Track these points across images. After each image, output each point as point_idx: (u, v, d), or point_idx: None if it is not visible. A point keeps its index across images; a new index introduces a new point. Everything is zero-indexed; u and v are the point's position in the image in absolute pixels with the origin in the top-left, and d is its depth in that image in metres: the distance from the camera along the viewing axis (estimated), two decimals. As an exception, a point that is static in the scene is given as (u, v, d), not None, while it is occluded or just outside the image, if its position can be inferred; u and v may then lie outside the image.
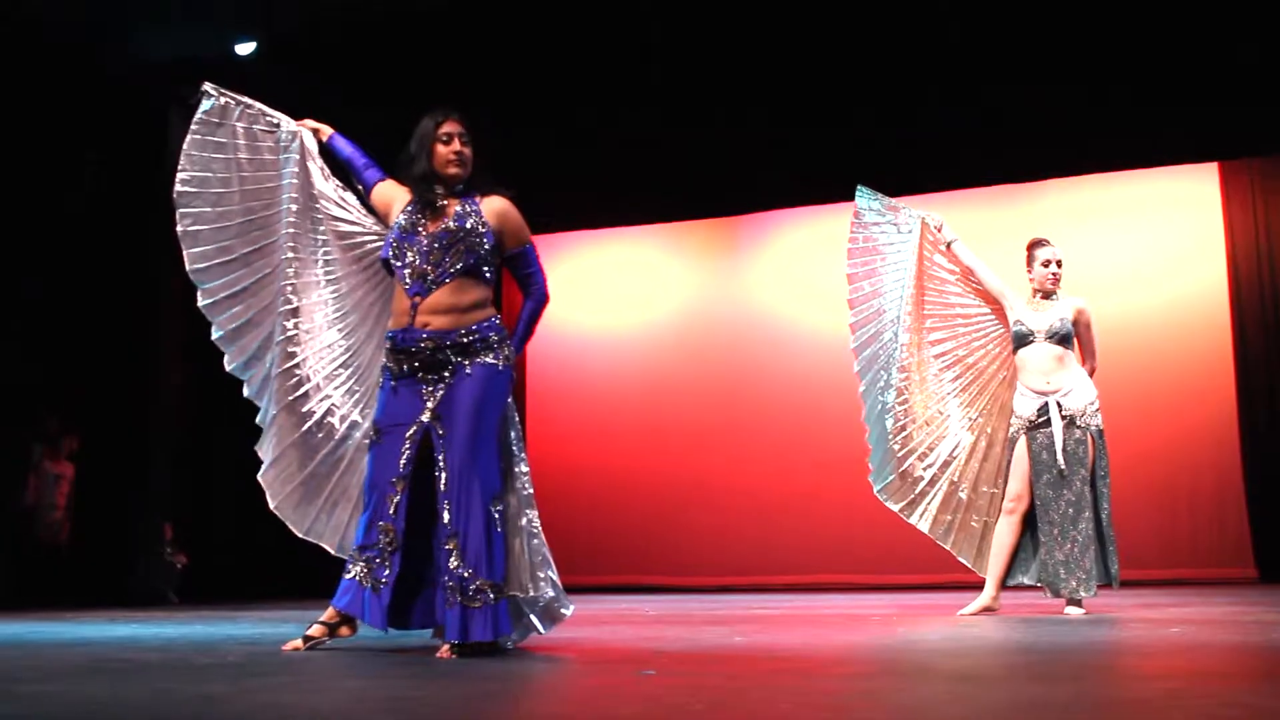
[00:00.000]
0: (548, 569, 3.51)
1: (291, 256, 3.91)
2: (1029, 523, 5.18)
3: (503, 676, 2.79)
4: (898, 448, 5.39)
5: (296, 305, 3.88)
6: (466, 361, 3.44)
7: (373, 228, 3.90)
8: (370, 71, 8.88)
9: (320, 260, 3.95)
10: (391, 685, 2.63)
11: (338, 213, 3.94)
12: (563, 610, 3.54)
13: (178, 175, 3.99)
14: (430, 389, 3.45)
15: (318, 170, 3.96)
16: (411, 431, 3.44)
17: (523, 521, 3.50)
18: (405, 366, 3.47)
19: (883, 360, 5.51)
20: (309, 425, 3.84)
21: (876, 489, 5.44)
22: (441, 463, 3.38)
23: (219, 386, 4.05)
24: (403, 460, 3.44)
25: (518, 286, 3.76)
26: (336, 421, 3.87)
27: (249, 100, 4.09)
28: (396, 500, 3.43)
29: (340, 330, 3.94)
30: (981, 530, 5.35)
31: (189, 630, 4.65)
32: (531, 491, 3.56)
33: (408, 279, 3.49)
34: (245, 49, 8.65)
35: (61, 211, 8.55)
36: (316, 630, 3.54)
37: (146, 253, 8.26)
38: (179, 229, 3.96)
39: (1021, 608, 5.55)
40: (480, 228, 3.52)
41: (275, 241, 3.97)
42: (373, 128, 4.15)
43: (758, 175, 9.57)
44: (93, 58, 8.49)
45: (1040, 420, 5.15)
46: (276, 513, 3.86)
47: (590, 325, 10.81)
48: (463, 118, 3.64)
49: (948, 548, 5.40)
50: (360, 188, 3.90)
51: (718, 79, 8.94)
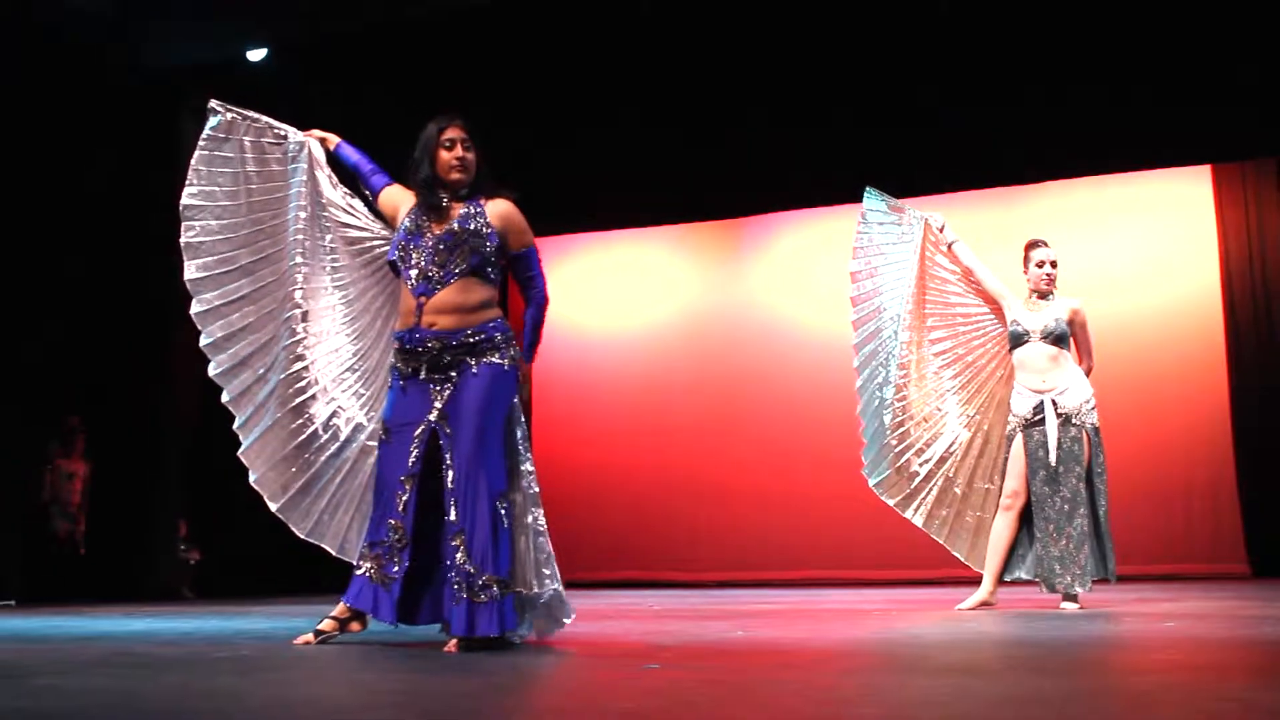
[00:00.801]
0: (552, 566, 3.51)
1: (300, 263, 3.92)
2: (1026, 519, 5.19)
3: (509, 670, 2.79)
4: (895, 443, 5.39)
5: (306, 310, 3.90)
6: (473, 361, 3.45)
7: (380, 232, 3.91)
8: (378, 77, 8.90)
9: (329, 266, 3.97)
10: (401, 679, 2.63)
11: (345, 219, 3.96)
12: (564, 618, 3.54)
13: (184, 190, 3.99)
14: (438, 389, 3.46)
15: (325, 179, 3.97)
16: (420, 431, 3.45)
17: (528, 519, 3.50)
18: (412, 366, 3.48)
19: (881, 357, 5.51)
20: (315, 428, 3.85)
21: (872, 483, 5.45)
22: (449, 461, 3.39)
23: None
24: (411, 459, 3.44)
25: (519, 290, 3.76)
26: (342, 424, 3.89)
27: (256, 115, 4.08)
28: (405, 498, 3.44)
29: (349, 335, 3.96)
30: (976, 525, 5.35)
31: (203, 625, 4.66)
32: (537, 490, 3.56)
33: (413, 280, 3.50)
34: (256, 55, 8.67)
35: (74, 212, 8.56)
36: (328, 625, 3.56)
37: (158, 254, 8.25)
38: (182, 240, 3.96)
39: (1018, 603, 5.54)
40: (484, 229, 3.53)
41: (282, 249, 3.98)
42: (380, 133, 4.14)
43: (761, 177, 9.57)
44: (106, 62, 8.50)
45: (1036, 418, 5.15)
46: (279, 515, 3.87)
47: (595, 326, 10.81)
48: (465, 123, 3.64)
49: (942, 542, 5.40)
50: (367, 193, 3.91)
51: (722, 82, 8.95)
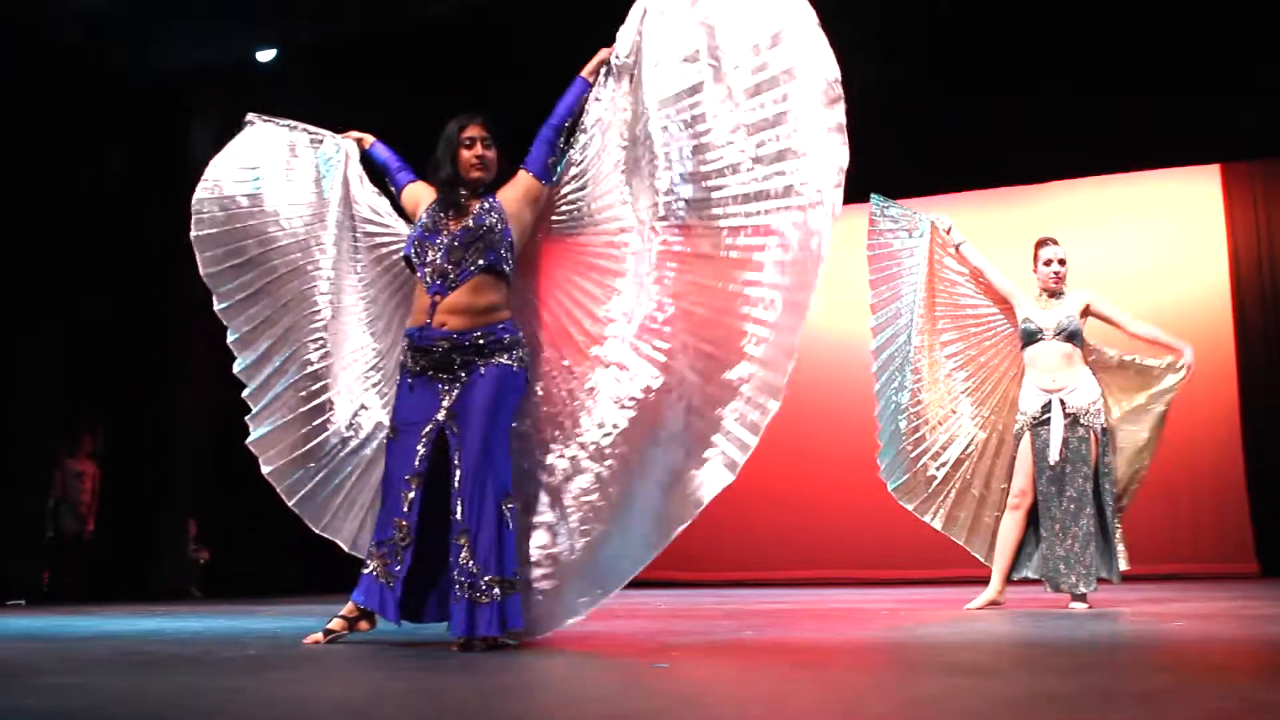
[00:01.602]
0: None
1: (329, 257, 3.96)
2: (1033, 518, 5.17)
3: (518, 669, 2.78)
4: (910, 448, 5.40)
5: (334, 308, 3.95)
6: (481, 362, 3.44)
7: (400, 232, 3.92)
8: (383, 78, 8.91)
9: (356, 267, 4.02)
10: (408, 678, 2.62)
11: (370, 216, 4.01)
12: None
13: (198, 187, 4.08)
14: (446, 388, 3.45)
15: (357, 178, 4.04)
16: (427, 430, 3.44)
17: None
18: (421, 364, 3.48)
19: (898, 362, 5.52)
20: (336, 426, 3.90)
21: (891, 487, 5.45)
22: (455, 461, 3.38)
23: (243, 385, 4.07)
24: (417, 458, 3.44)
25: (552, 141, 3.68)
26: (364, 422, 3.93)
27: (293, 122, 4.16)
28: (411, 497, 3.43)
29: (372, 334, 4.00)
30: (994, 526, 5.33)
31: (211, 624, 4.66)
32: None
33: (429, 277, 3.49)
34: (265, 56, 8.69)
35: (86, 214, 8.58)
36: (336, 624, 3.55)
37: (169, 256, 8.26)
38: (192, 234, 4.03)
39: (1027, 602, 5.52)
40: (499, 225, 3.52)
41: (304, 242, 4.02)
42: (388, 133, 4.15)
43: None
44: (117, 64, 8.52)
45: (1044, 417, 5.13)
46: (295, 509, 3.90)
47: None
48: (486, 122, 3.64)
49: (962, 543, 5.41)
50: (393, 189, 3.93)
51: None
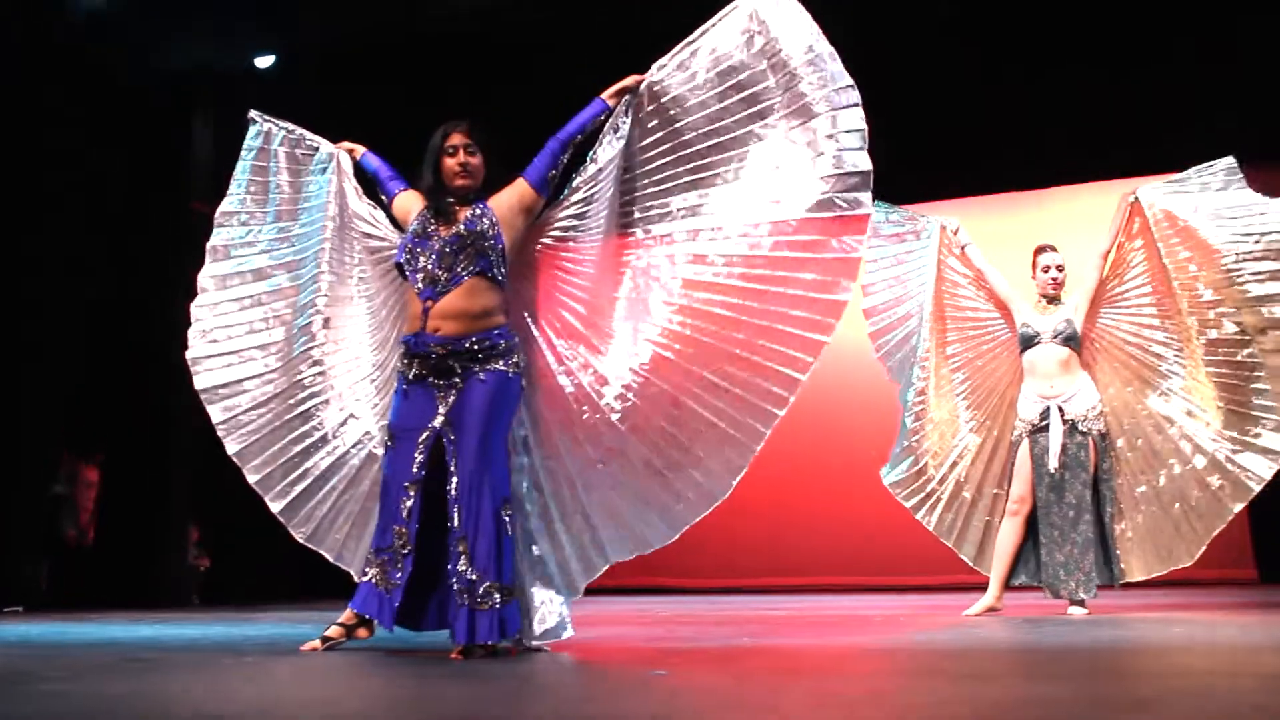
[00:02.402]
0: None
1: (325, 270, 3.99)
2: (1032, 524, 5.16)
3: (516, 676, 2.77)
4: (915, 444, 5.42)
5: (328, 316, 3.97)
6: (477, 368, 3.43)
7: (397, 240, 3.93)
8: (381, 84, 8.93)
9: (356, 276, 4.04)
10: (405, 685, 2.62)
11: (369, 229, 4.01)
12: (562, 631, 3.53)
13: (224, 200, 4.17)
14: (442, 394, 3.44)
15: (352, 190, 4.05)
16: (424, 437, 3.43)
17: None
18: (416, 371, 3.47)
19: (907, 359, 5.53)
20: (324, 433, 3.92)
21: (887, 481, 5.46)
22: (452, 468, 3.37)
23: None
24: (415, 465, 3.42)
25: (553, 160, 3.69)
26: (352, 431, 3.92)
27: (291, 126, 4.20)
28: (409, 504, 3.41)
29: (370, 344, 4.01)
30: (984, 530, 5.35)
31: (210, 631, 4.65)
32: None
33: (420, 283, 3.49)
34: (264, 62, 8.72)
35: (89, 227, 8.60)
36: (334, 631, 3.54)
37: (167, 260, 8.27)
38: (210, 242, 4.13)
39: (1025, 608, 5.51)
40: (490, 231, 3.51)
41: (303, 257, 4.08)
42: (381, 140, 4.18)
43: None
44: (121, 69, 8.54)
45: (1043, 424, 5.12)
46: (279, 518, 3.91)
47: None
48: (470, 129, 3.64)
49: (950, 545, 5.42)
50: (384, 198, 3.93)
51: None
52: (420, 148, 3.72)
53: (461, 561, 3.29)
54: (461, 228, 3.51)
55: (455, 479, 3.35)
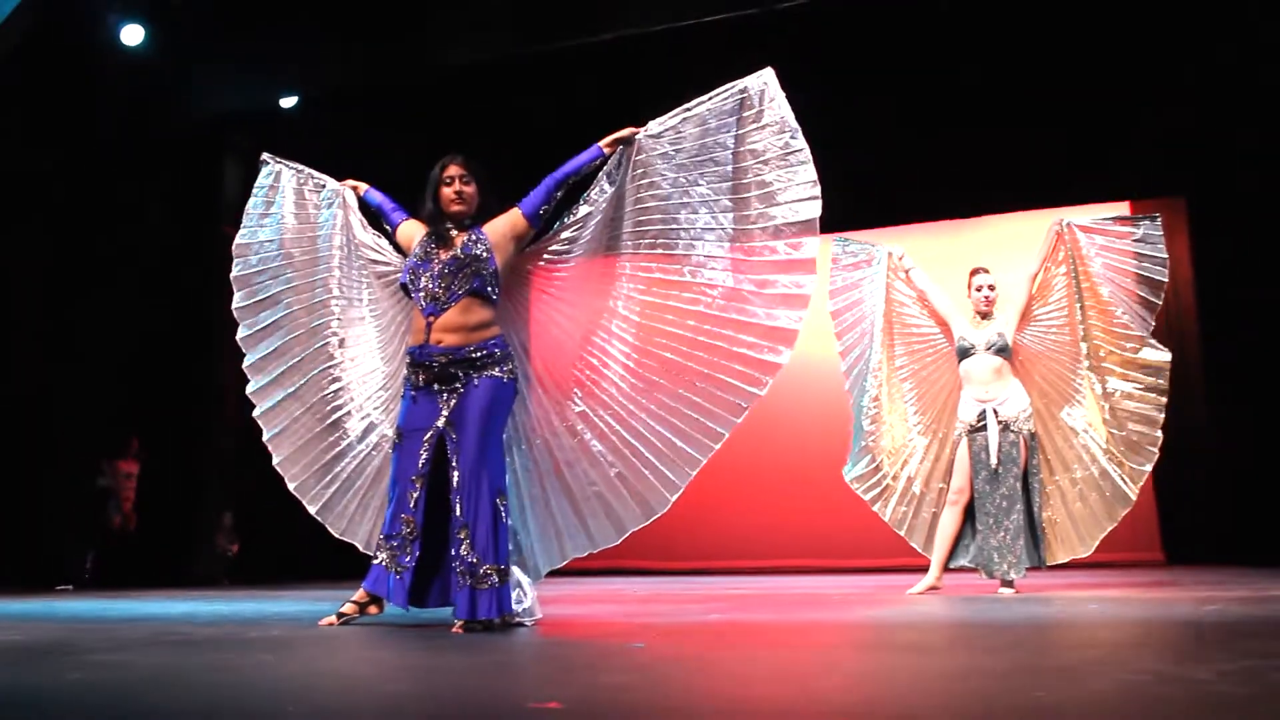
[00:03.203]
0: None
1: (336, 295, 4.02)
2: (969, 513, 5.19)
3: (509, 649, 2.77)
4: (872, 445, 5.48)
5: (343, 337, 4.02)
6: (475, 375, 3.45)
7: (402, 264, 3.93)
8: (395, 124, 8.91)
9: (366, 299, 4.04)
10: (411, 656, 2.62)
11: (375, 256, 4.01)
12: (537, 610, 3.55)
13: (238, 233, 4.15)
14: (445, 398, 3.45)
15: (358, 222, 4.05)
16: (429, 436, 3.44)
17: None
18: (422, 378, 3.48)
19: (863, 372, 5.56)
20: (349, 440, 3.96)
21: (848, 478, 5.53)
22: (454, 463, 3.38)
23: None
24: (421, 461, 3.43)
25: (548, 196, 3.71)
26: (374, 437, 3.96)
27: (300, 165, 4.19)
28: (416, 496, 3.42)
29: (382, 358, 4.03)
30: (931, 520, 5.39)
31: (239, 608, 4.62)
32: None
33: (423, 301, 3.50)
34: (288, 103, 8.69)
35: (134, 245, 8.61)
36: (349, 608, 3.54)
37: (204, 282, 8.26)
38: (232, 275, 4.12)
39: (962, 588, 5.52)
40: (484, 254, 3.53)
41: (312, 282, 4.08)
42: (393, 176, 4.17)
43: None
44: (153, 112, 8.53)
45: (979, 425, 5.15)
46: (317, 517, 3.95)
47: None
48: (465, 161, 3.66)
49: (902, 534, 5.46)
50: (388, 228, 3.93)
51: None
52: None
53: (463, 546, 3.30)
54: (459, 251, 3.52)
55: (457, 473, 3.36)
